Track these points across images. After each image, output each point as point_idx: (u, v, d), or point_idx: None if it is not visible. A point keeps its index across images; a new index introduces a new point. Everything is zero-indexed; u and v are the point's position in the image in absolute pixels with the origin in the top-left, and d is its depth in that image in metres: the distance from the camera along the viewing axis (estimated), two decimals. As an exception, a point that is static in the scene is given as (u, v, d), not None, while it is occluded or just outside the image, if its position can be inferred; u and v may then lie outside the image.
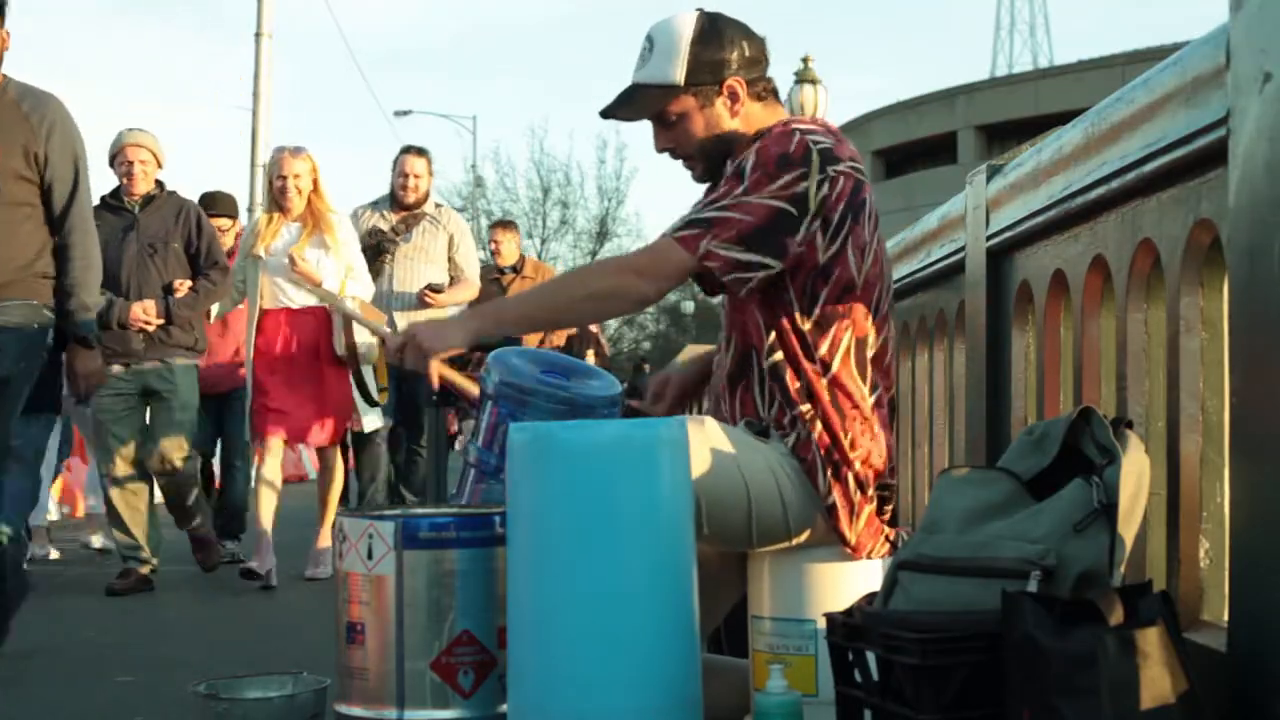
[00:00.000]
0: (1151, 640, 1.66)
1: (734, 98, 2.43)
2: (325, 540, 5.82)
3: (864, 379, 2.38)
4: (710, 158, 2.48)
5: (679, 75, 2.40)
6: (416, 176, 6.73)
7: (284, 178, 5.84)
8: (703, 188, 2.56)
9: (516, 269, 8.14)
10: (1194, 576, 2.05)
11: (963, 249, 3.19)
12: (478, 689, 2.15)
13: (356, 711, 2.18)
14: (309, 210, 5.82)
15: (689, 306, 37.64)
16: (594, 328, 12.17)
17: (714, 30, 2.42)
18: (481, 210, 35.42)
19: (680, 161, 2.52)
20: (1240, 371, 1.80)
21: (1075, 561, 1.82)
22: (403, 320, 6.29)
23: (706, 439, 2.26)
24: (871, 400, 2.39)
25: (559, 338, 8.04)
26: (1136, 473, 1.91)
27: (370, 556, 2.16)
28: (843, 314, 2.37)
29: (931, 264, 3.54)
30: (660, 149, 2.51)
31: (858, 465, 2.34)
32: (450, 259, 6.68)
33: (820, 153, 2.32)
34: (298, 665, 2.91)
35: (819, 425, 2.34)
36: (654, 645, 1.96)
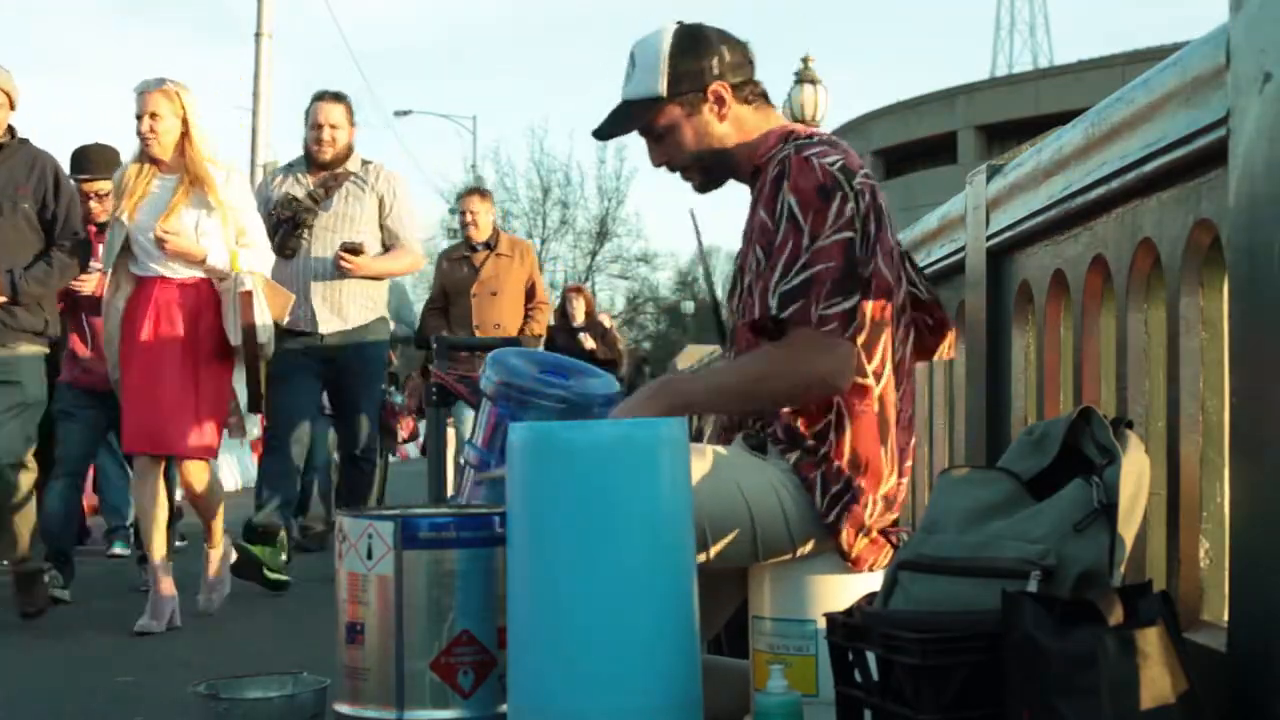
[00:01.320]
0: (1151, 640, 1.66)
1: (720, 102, 2.43)
2: (214, 567, 4.87)
3: (899, 386, 2.39)
4: (706, 167, 2.48)
5: (662, 87, 2.42)
6: (333, 128, 5.57)
7: (139, 118, 4.64)
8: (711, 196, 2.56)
9: (490, 245, 7.17)
10: (1194, 576, 2.05)
11: (963, 249, 3.19)
12: (477, 689, 2.15)
13: (356, 711, 2.18)
14: (182, 162, 4.64)
15: (689, 306, 37.68)
16: (606, 321, 11.66)
17: (691, 39, 2.44)
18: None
19: (679, 174, 2.51)
20: (1240, 371, 1.80)
21: (1075, 561, 1.82)
22: (321, 294, 5.50)
23: (705, 464, 2.25)
24: (911, 410, 2.41)
25: (540, 325, 7.35)
26: (1136, 473, 1.91)
27: (370, 556, 2.16)
28: (887, 321, 2.36)
29: (931, 264, 3.54)
30: (656, 164, 2.51)
31: (886, 489, 2.34)
32: (382, 226, 5.61)
33: (842, 170, 2.31)
34: (298, 665, 2.91)
35: (837, 448, 2.32)
36: (654, 645, 1.96)
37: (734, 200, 40.32)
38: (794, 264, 2.27)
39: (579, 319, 10.22)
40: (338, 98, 5.64)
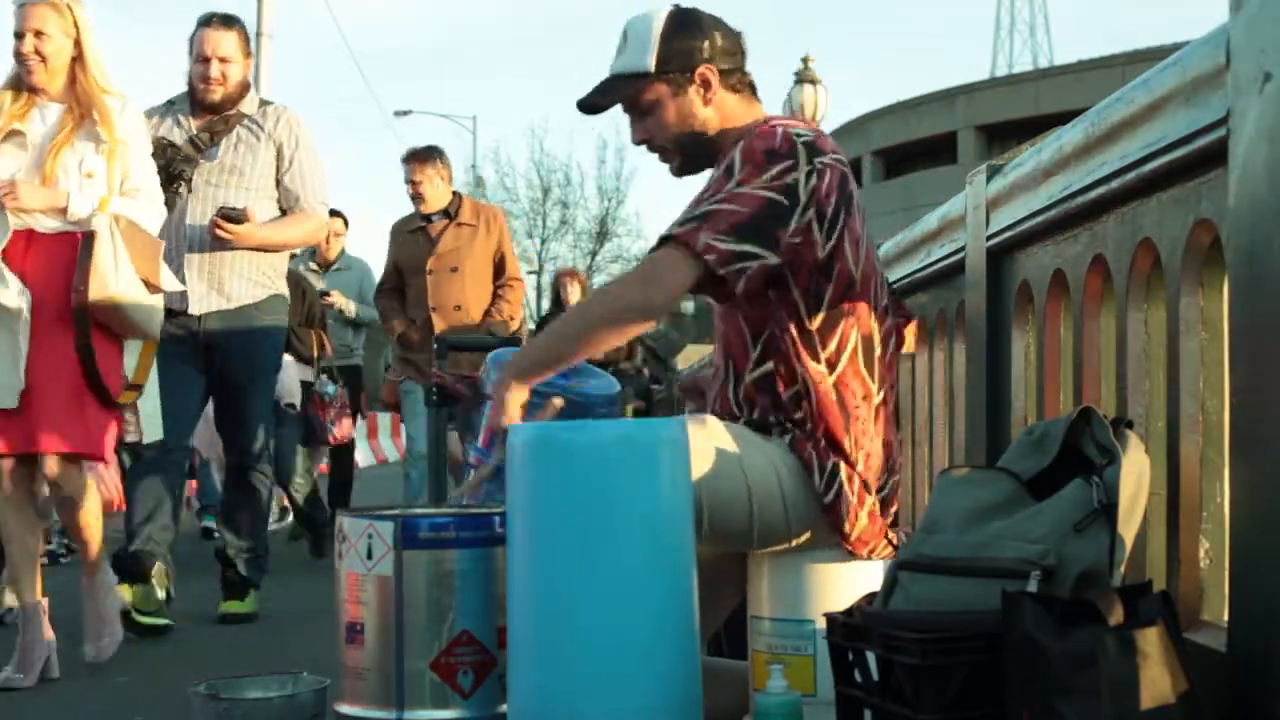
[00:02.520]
0: (1151, 640, 1.66)
1: (706, 85, 2.44)
2: (100, 603, 3.82)
3: (872, 376, 2.39)
4: (686, 149, 2.49)
5: (650, 63, 2.43)
6: (223, 61, 4.48)
7: (21, 35, 3.72)
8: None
9: (450, 213, 6.11)
10: (1194, 576, 2.05)
11: (963, 249, 3.19)
12: (477, 689, 2.15)
13: (356, 711, 2.18)
14: (71, 90, 3.74)
15: (689, 307, 37.65)
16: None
17: (685, 21, 2.46)
18: (481, 210, 35.45)
19: (657, 155, 2.53)
20: (1240, 371, 1.80)
21: (1075, 561, 1.82)
22: (199, 264, 4.47)
23: (708, 437, 2.26)
24: (879, 398, 2.40)
25: (511, 307, 6.32)
26: (1136, 473, 1.91)
27: (370, 556, 2.16)
28: (848, 311, 2.37)
29: (931, 264, 3.54)
30: (637, 141, 2.53)
31: (860, 464, 2.34)
32: (279, 183, 4.56)
33: (805, 145, 2.33)
34: (298, 665, 2.90)
35: (819, 427, 2.34)
36: (654, 645, 1.96)
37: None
38: (705, 199, 2.30)
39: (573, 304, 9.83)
40: (228, 22, 4.54)
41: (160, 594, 4.39)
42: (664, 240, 2.31)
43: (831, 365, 2.35)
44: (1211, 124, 1.88)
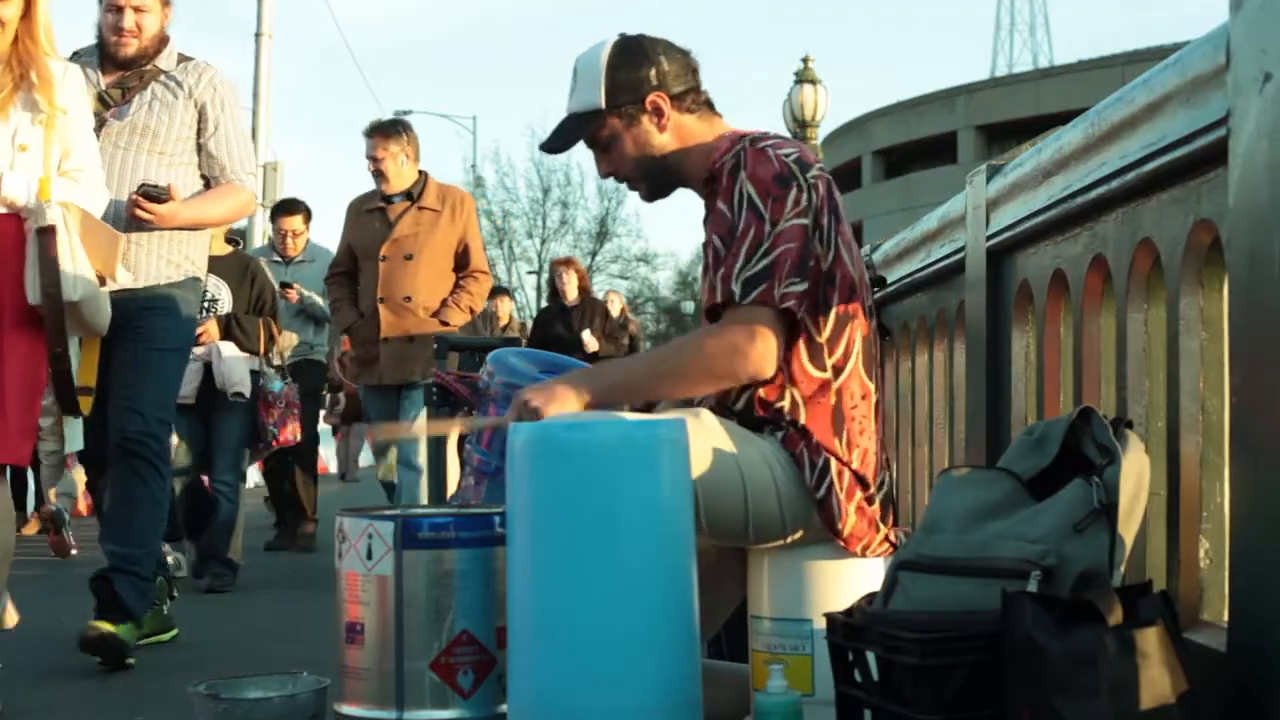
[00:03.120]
0: (1151, 640, 1.66)
1: (658, 113, 2.47)
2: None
3: (869, 376, 2.43)
4: (650, 176, 2.53)
5: (600, 99, 2.47)
6: (138, 10, 3.91)
7: None
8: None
9: (412, 195, 5.55)
10: (1194, 576, 2.05)
11: (963, 249, 3.19)
12: (477, 689, 2.15)
13: (356, 711, 2.18)
14: (13, 50, 3.28)
15: (689, 307, 37.67)
16: (614, 305, 10.77)
17: (628, 51, 2.49)
18: (482, 211, 35.46)
19: (625, 185, 2.57)
20: (1240, 371, 1.80)
21: (1075, 561, 1.82)
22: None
23: (703, 432, 2.26)
24: (876, 396, 2.43)
25: (472, 300, 5.65)
26: (1136, 473, 1.91)
27: (370, 556, 2.16)
28: (851, 315, 2.40)
29: (931, 264, 3.54)
30: (603, 174, 2.58)
31: (855, 462, 2.36)
32: (200, 148, 3.98)
33: (796, 164, 2.36)
34: (298, 665, 2.90)
35: (810, 430, 2.35)
36: (654, 645, 1.96)
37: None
38: (756, 250, 2.31)
39: (571, 295, 8.95)
40: None
41: (164, 610, 4.21)
42: (738, 306, 2.31)
43: (838, 370, 2.38)
44: (1211, 124, 1.88)
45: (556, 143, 2.55)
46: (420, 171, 5.65)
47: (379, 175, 5.56)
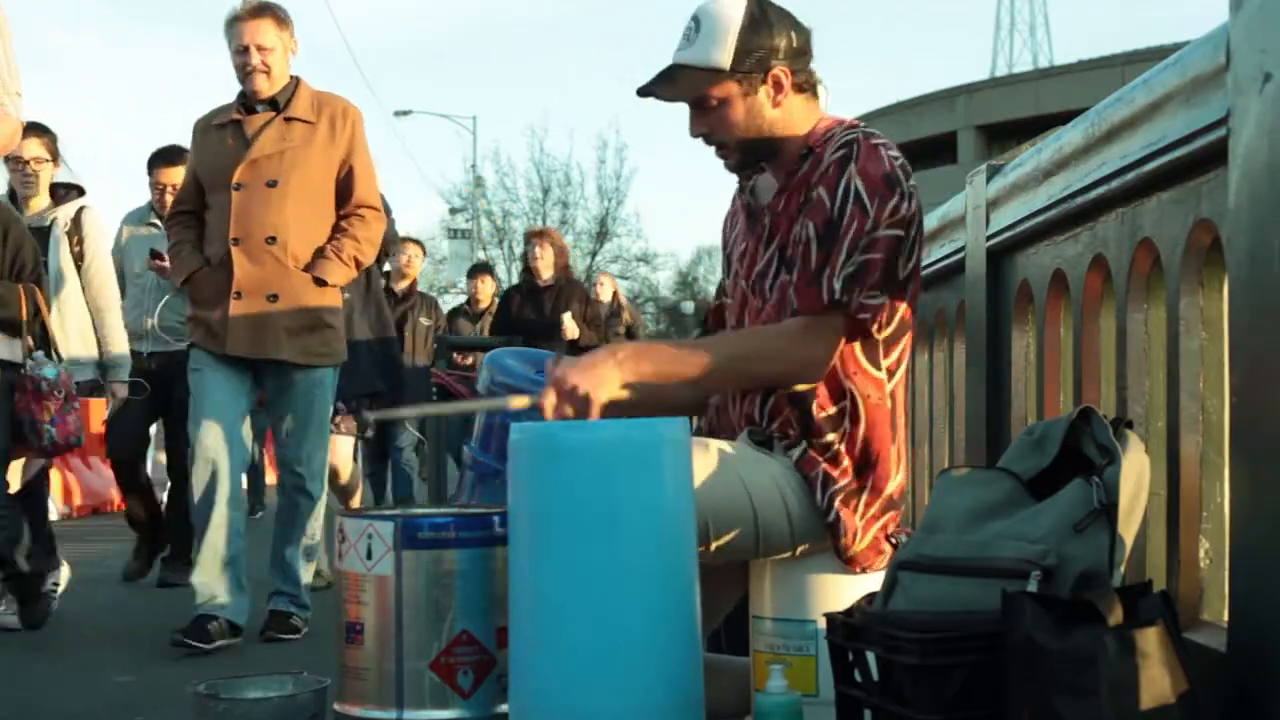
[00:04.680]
0: (1151, 640, 1.66)
1: (778, 87, 2.38)
2: None
3: (909, 387, 2.41)
4: (746, 148, 2.41)
5: (725, 59, 2.33)
6: None
7: None
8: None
9: (278, 104, 4.21)
10: (1194, 576, 2.05)
11: (963, 249, 3.19)
12: (477, 689, 2.15)
13: (356, 711, 2.18)
14: None
15: (689, 307, 37.63)
16: (606, 284, 10.13)
17: (764, 17, 2.37)
18: (482, 211, 35.47)
19: (714, 149, 2.44)
20: (1240, 371, 1.80)
21: (1075, 561, 1.82)
22: None
23: (710, 459, 2.25)
24: (910, 403, 2.42)
25: (359, 249, 4.21)
26: (1136, 473, 1.91)
27: (370, 556, 2.16)
28: (909, 322, 2.38)
29: (931, 264, 3.54)
30: (695, 134, 2.44)
31: (894, 486, 2.35)
32: None
33: (903, 169, 2.31)
34: (298, 665, 2.90)
35: (858, 447, 2.33)
36: (655, 645, 1.96)
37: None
38: (856, 247, 2.26)
39: (546, 274, 7.57)
40: None
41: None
42: (820, 299, 2.27)
43: (891, 373, 2.36)
44: (1211, 124, 1.88)
45: (661, 91, 2.40)
46: (294, 77, 4.28)
47: (256, 73, 4.16)
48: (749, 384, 2.37)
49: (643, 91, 2.42)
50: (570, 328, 7.31)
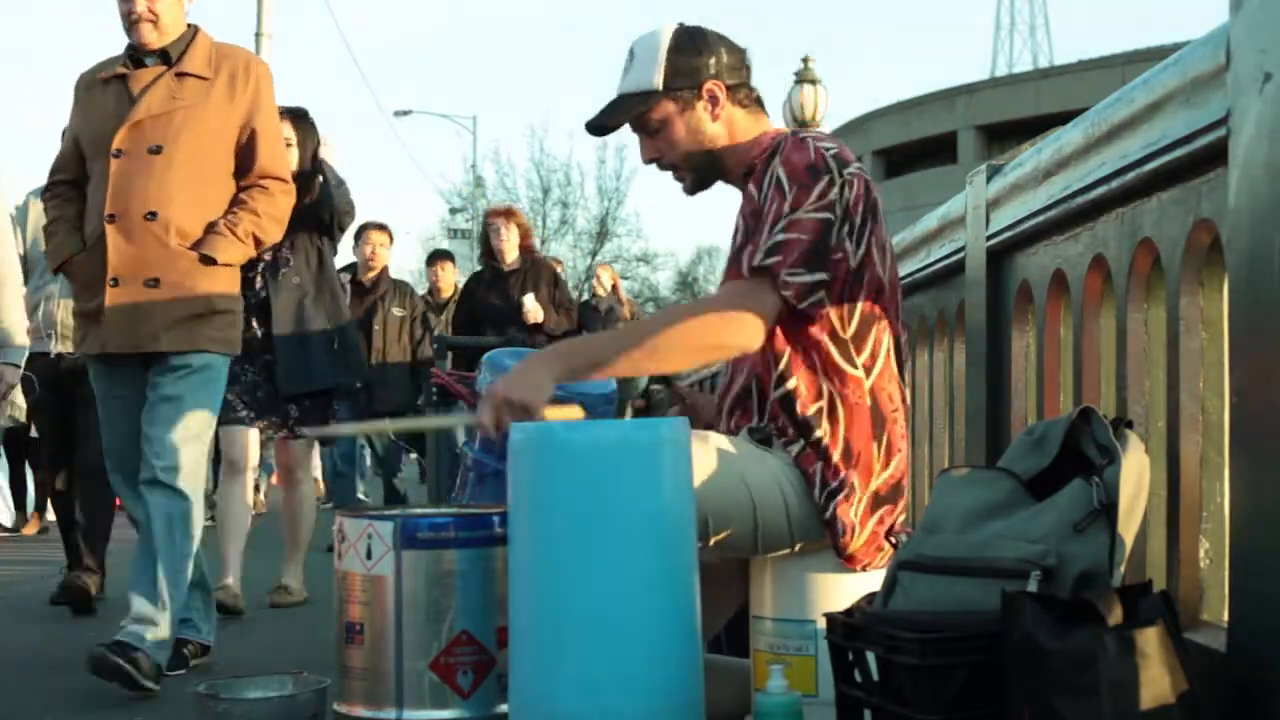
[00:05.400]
0: (1151, 640, 1.66)
1: (714, 101, 2.45)
2: None
3: (901, 381, 2.43)
4: (696, 166, 2.50)
5: (658, 80, 2.44)
6: None
7: None
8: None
9: (168, 57, 3.66)
10: (1194, 576, 2.05)
11: (963, 249, 3.19)
12: (476, 689, 2.15)
13: (356, 711, 2.18)
14: None
15: (689, 307, 37.61)
16: (603, 280, 9.97)
17: (690, 37, 2.47)
18: (482, 211, 35.46)
19: (670, 174, 2.53)
20: (1240, 371, 1.80)
21: (1075, 561, 1.82)
22: None
23: (710, 453, 2.26)
24: (906, 405, 2.44)
25: (257, 224, 3.63)
26: (1136, 473, 1.91)
27: (369, 556, 2.16)
28: (879, 316, 2.38)
29: (931, 264, 3.54)
30: (647, 160, 2.53)
31: (879, 482, 2.35)
32: None
33: (834, 158, 2.35)
34: (298, 665, 2.91)
35: (841, 440, 2.33)
36: (655, 646, 1.96)
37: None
38: (775, 225, 2.31)
39: (510, 256, 6.99)
40: None
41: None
42: (740, 272, 2.30)
43: (868, 370, 2.37)
44: (1211, 124, 1.88)
45: (604, 119, 2.50)
46: (190, 25, 3.76)
47: (142, 21, 3.63)
48: (686, 359, 2.37)
49: (590, 125, 2.52)
50: (533, 310, 6.73)
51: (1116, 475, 1.86)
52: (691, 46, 2.46)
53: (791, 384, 2.35)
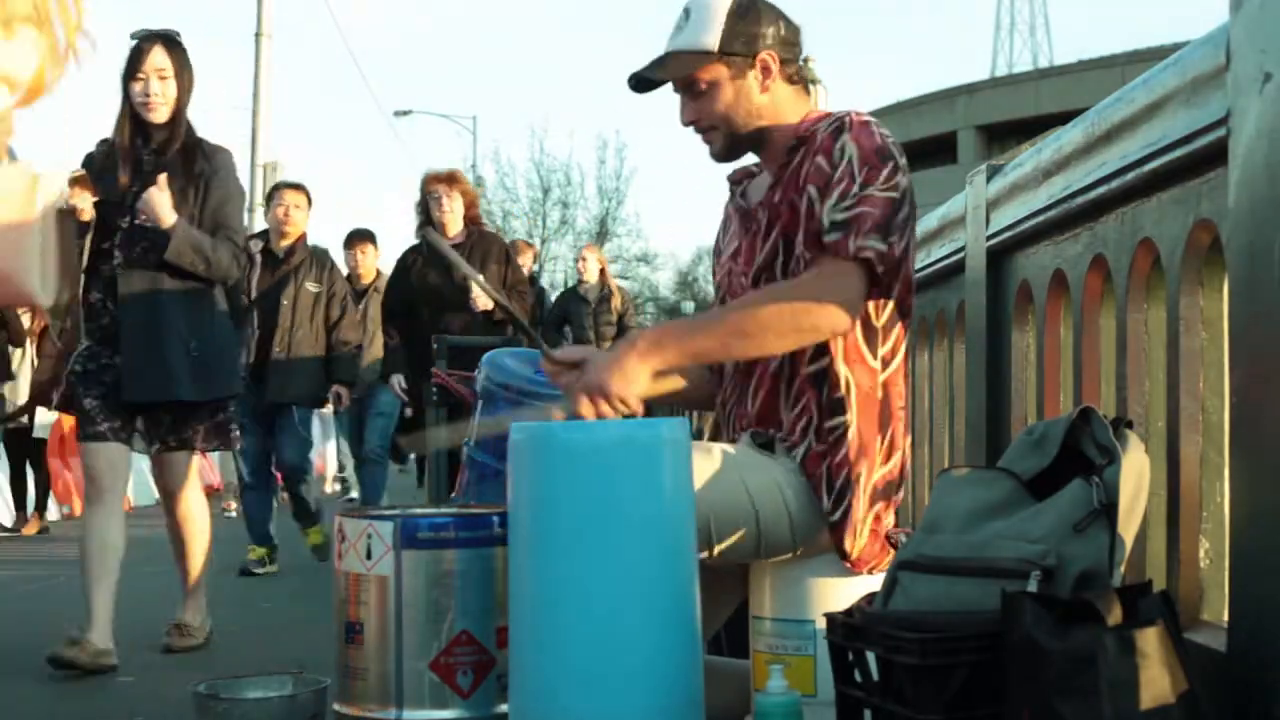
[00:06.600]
0: (1151, 640, 1.66)
1: (766, 72, 2.41)
2: None
3: (907, 379, 2.42)
4: (733, 133, 2.44)
5: (713, 42, 2.39)
6: None
7: None
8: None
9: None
10: (1194, 576, 2.05)
11: (963, 249, 3.19)
12: (476, 689, 2.15)
13: (356, 712, 2.18)
14: None
15: (689, 307, 37.65)
16: (592, 262, 9.02)
17: (751, 5, 2.43)
18: (482, 210, 35.45)
19: (701, 136, 2.47)
20: (1240, 371, 1.80)
21: (1075, 561, 1.82)
22: None
23: (713, 464, 2.25)
24: (908, 404, 2.43)
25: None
26: (1136, 473, 1.91)
27: (369, 556, 2.16)
28: (904, 313, 2.39)
29: (931, 264, 3.54)
30: (686, 121, 2.47)
31: (878, 476, 2.35)
32: None
33: (894, 144, 2.34)
34: (298, 665, 2.91)
35: (850, 435, 2.33)
36: (655, 645, 1.96)
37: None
38: (845, 197, 2.28)
39: (453, 229, 5.89)
40: None
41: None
42: (820, 243, 2.27)
43: (886, 363, 2.37)
44: (1211, 124, 1.88)
45: (651, 73, 2.44)
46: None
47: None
48: (782, 343, 2.31)
49: (635, 78, 2.46)
50: (479, 297, 5.64)
51: (1116, 475, 1.86)
52: (753, 12, 2.41)
53: (826, 361, 2.34)
